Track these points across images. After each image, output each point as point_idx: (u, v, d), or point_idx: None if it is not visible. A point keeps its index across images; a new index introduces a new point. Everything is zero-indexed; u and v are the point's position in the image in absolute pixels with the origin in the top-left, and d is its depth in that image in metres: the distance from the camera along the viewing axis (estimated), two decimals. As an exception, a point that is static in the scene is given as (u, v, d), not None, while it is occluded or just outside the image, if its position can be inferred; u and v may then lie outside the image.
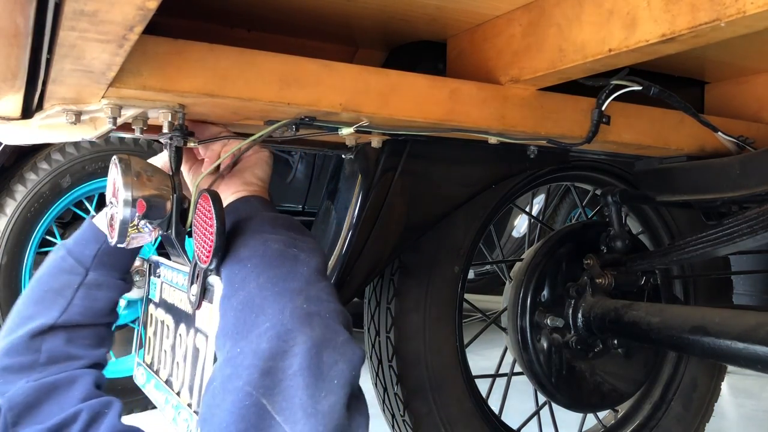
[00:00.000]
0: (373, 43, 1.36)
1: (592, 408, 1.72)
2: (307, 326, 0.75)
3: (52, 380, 0.99)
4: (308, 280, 0.83)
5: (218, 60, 0.93)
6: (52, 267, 1.07)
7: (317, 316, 0.77)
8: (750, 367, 1.20)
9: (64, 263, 1.07)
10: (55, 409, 0.95)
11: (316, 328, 0.75)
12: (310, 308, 0.78)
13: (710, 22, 0.82)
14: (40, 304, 1.04)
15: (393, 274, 1.54)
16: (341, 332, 0.77)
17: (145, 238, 0.98)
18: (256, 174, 1.03)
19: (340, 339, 0.76)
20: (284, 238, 0.89)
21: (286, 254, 0.86)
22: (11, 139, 1.16)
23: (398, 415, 1.58)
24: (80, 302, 1.05)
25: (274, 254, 0.85)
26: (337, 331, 0.77)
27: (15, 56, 0.74)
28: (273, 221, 0.92)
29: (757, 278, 2.21)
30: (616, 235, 1.61)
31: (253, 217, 0.92)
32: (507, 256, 3.94)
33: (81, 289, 1.05)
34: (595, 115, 1.22)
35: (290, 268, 0.84)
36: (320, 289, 0.83)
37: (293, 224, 0.95)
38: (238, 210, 0.95)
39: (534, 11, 1.10)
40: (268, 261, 0.84)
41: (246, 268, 0.84)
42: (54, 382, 0.98)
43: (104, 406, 0.95)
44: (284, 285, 0.81)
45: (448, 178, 1.41)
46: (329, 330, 0.76)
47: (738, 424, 2.89)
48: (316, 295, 0.81)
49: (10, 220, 2.61)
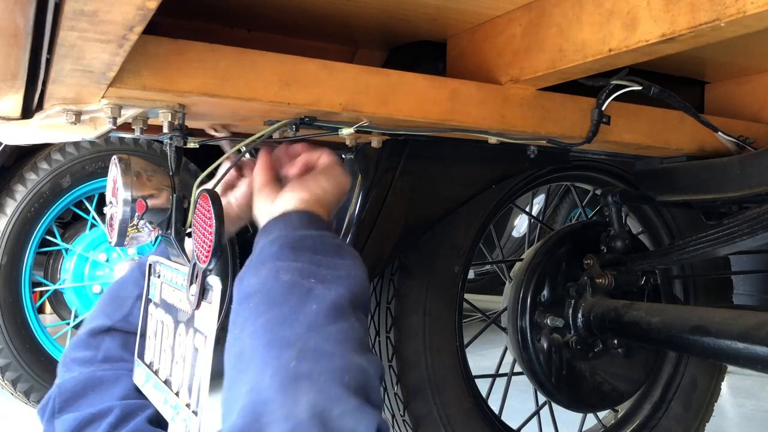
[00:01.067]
0: (373, 43, 1.36)
1: (592, 408, 1.72)
2: (291, 396, 0.59)
3: (100, 374, 1.04)
4: (311, 325, 0.67)
5: (218, 60, 0.93)
6: (126, 275, 1.15)
7: (307, 381, 0.60)
8: (750, 367, 1.20)
9: (132, 274, 1.14)
10: (97, 402, 1.00)
11: (301, 399, 0.58)
12: (299, 368, 0.61)
13: (710, 22, 0.82)
14: (108, 306, 1.12)
15: (393, 274, 1.54)
16: (343, 399, 0.59)
17: (145, 238, 0.98)
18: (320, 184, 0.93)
19: (337, 410, 0.58)
20: (302, 266, 0.74)
21: (295, 288, 0.71)
22: (11, 139, 1.16)
23: (398, 415, 1.58)
24: (138, 312, 1.10)
25: (281, 289, 0.71)
26: (335, 398, 0.59)
27: (15, 56, 0.74)
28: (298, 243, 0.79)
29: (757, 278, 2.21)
30: (616, 235, 1.61)
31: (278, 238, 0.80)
32: (507, 256, 3.94)
33: (139, 300, 1.11)
34: (595, 115, 1.22)
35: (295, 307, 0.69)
36: (324, 338, 0.65)
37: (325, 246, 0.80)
38: (268, 231, 0.85)
39: (534, 11, 1.10)
40: (272, 298, 0.71)
41: (249, 307, 0.72)
42: (101, 376, 1.04)
43: (139, 408, 0.98)
44: (278, 332, 0.66)
45: (448, 178, 1.41)
46: (323, 397, 0.59)
47: (738, 424, 2.89)
48: (315, 347, 0.64)
49: (10, 220, 2.61)
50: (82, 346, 1.08)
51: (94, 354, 1.07)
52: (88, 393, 1.02)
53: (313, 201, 0.91)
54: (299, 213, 0.87)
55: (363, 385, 0.62)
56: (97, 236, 2.96)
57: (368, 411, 0.59)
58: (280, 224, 0.85)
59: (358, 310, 0.72)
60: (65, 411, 0.99)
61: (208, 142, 1.13)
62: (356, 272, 0.77)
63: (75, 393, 1.01)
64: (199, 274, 0.88)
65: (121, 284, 1.15)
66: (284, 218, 0.86)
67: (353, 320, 0.69)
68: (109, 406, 0.98)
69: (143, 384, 1.03)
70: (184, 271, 0.94)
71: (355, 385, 0.62)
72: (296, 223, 0.84)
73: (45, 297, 3.29)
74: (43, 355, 2.69)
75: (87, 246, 2.94)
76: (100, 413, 0.97)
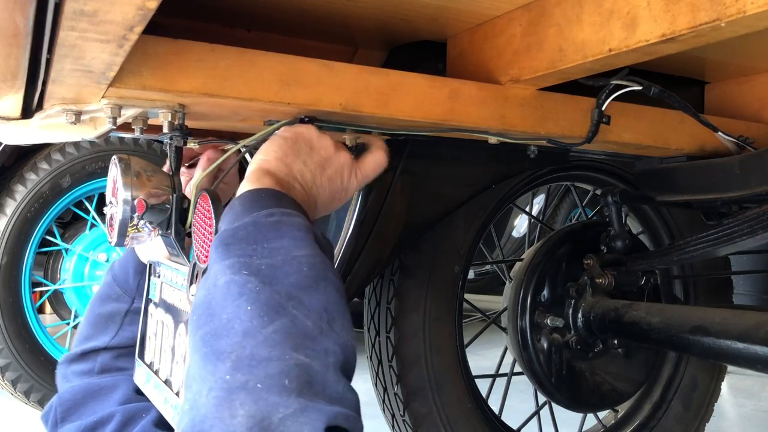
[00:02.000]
0: (373, 43, 1.36)
1: (592, 408, 1.72)
2: (227, 410, 0.57)
3: (97, 382, 1.06)
4: (247, 330, 0.63)
5: (218, 60, 0.93)
6: (102, 292, 1.16)
7: (242, 391, 0.58)
8: (750, 367, 1.20)
9: (111, 291, 1.16)
10: (98, 409, 1.01)
11: (238, 411, 0.56)
12: (234, 380, 0.59)
13: (710, 22, 0.82)
14: (94, 327, 1.13)
15: (393, 274, 1.54)
16: (283, 404, 0.57)
17: (145, 238, 0.98)
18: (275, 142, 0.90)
19: (277, 416, 0.56)
20: (233, 261, 0.70)
21: (230, 289, 0.67)
22: (11, 139, 1.16)
23: (398, 415, 1.58)
24: (129, 327, 1.13)
25: (218, 296, 0.67)
26: (274, 405, 0.57)
27: (15, 56, 0.74)
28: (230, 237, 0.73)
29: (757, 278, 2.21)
30: (616, 235, 1.61)
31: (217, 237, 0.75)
32: (507, 256, 3.94)
33: (128, 315, 1.13)
34: (595, 115, 1.22)
35: (230, 314, 0.64)
36: (260, 342, 0.62)
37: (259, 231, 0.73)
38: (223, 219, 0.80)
39: (534, 11, 1.10)
40: (211, 308, 0.67)
41: (192, 320, 0.68)
42: (99, 383, 1.06)
43: (141, 411, 0.99)
44: (214, 345, 0.63)
45: (448, 178, 1.41)
46: (261, 406, 0.57)
47: (738, 424, 2.89)
48: (250, 354, 0.60)
49: (10, 220, 2.61)
50: (78, 361, 1.11)
51: (91, 367, 1.10)
52: (88, 401, 1.03)
53: (253, 171, 0.86)
54: (241, 197, 0.81)
55: (308, 382, 0.60)
56: (97, 236, 2.96)
57: (314, 409, 0.57)
58: (225, 219, 0.79)
59: (306, 295, 0.68)
60: (67, 420, 1.00)
61: (208, 142, 1.13)
62: (297, 252, 0.71)
63: (75, 402, 1.03)
64: (199, 274, 0.88)
65: (100, 302, 1.15)
66: (229, 209, 0.80)
67: (295, 312, 0.65)
68: (110, 412, 0.99)
69: (144, 384, 1.03)
70: (184, 271, 0.94)
71: (298, 385, 0.59)
72: (237, 211, 0.78)
73: (45, 297, 3.29)
74: (43, 355, 2.69)
75: (87, 246, 2.95)
76: (102, 420, 0.98)
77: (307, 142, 0.94)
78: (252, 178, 0.85)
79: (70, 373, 1.10)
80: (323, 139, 0.96)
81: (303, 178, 0.91)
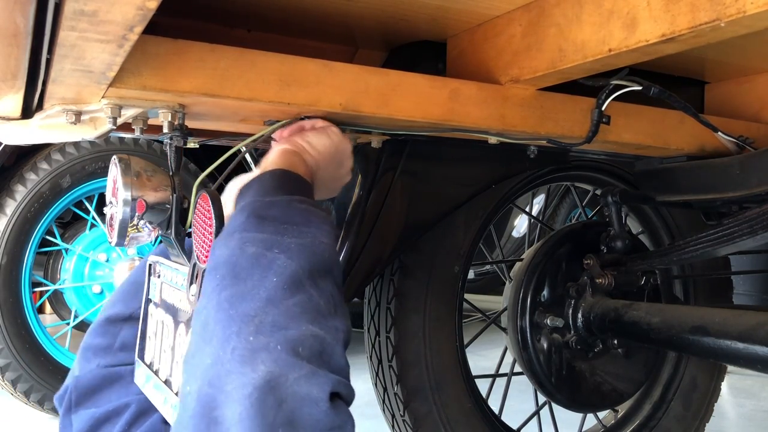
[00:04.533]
0: (373, 43, 1.36)
1: (592, 408, 1.72)
2: (249, 366, 0.64)
3: (117, 370, 1.05)
4: (270, 299, 0.70)
5: (218, 60, 0.93)
6: (143, 262, 1.14)
7: (264, 351, 0.65)
8: (750, 367, 1.20)
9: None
10: (113, 397, 1.01)
11: (259, 367, 0.64)
12: (257, 341, 0.66)
13: (710, 22, 0.82)
14: (125, 293, 1.12)
15: (393, 274, 1.54)
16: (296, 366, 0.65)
17: (145, 238, 0.98)
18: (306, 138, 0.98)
19: (292, 375, 0.64)
20: (267, 236, 0.77)
21: (259, 261, 0.74)
22: (11, 139, 1.16)
23: (398, 415, 1.58)
24: None
25: (246, 262, 0.74)
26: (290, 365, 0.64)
27: (15, 56, 0.74)
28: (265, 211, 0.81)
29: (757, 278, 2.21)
30: (616, 235, 1.61)
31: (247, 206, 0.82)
32: (507, 256, 3.94)
33: None
34: (595, 115, 1.22)
35: (256, 281, 0.72)
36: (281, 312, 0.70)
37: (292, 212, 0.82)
38: (243, 194, 0.87)
39: (534, 11, 1.10)
40: (237, 272, 0.73)
41: (216, 278, 0.74)
42: (119, 372, 1.05)
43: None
44: (240, 307, 0.70)
45: (448, 178, 1.41)
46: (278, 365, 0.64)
47: (738, 424, 2.89)
48: (272, 321, 0.68)
49: (10, 220, 2.61)
50: (99, 333, 1.09)
51: (111, 342, 1.07)
52: (104, 388, 1.02)
53: (291, 153, 0.94)
54: (274, 173, 0.88)
55: (319, 352, 0.68)
56: (97, 236, 2.96)
57: (322, 375, 0.65)
58: (253, 188, 0.86)
59: (320, 279, 0.76)
60: (82, 406, 1.00)
61: (208, 142, 1.13)
62: (321, 239, 0.79)
63: (92, 388, 1.02)
64: (199, 274, 0.88)
65: (139, 269, 1.14)
66: (259, 180, 0.87)
67: (312, 291, 0.73)
68: (126, 401, 0.99)
69: (143, 384, 1.03)
70: (184, 271, 0.94)
71: (310, 353, 0.67)
72: (268, 185, 0.86)
73: (45, 297, 3.29)
74: (43, 355, 2.69)
75: (87, 246, 2.94)
76: (116, 410, 0.98)
77: (343, 158, 1.06)
78: (288, 157, 0.93)
79: (87, 349, 1.07)
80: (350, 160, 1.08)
81: (322, 184, 1.02)
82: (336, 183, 1.11)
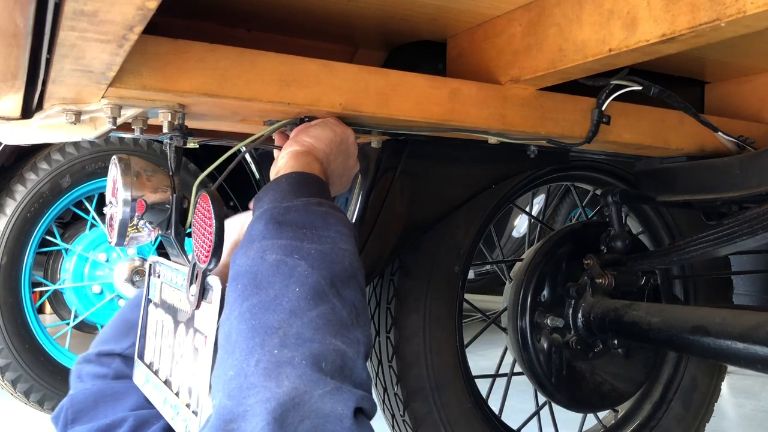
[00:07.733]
0: (373, 43, 1.36)
1: (592, 408, 1.72)
2: (273, 380, 0.64)
3: (111, 386, 1.06)
4: (294, 310, 0.70)
5: (218, 60, 0.93)
6: (134, 298, 1.16)
7: (289, 366, 0.65)
8: (750, 367, 1.20)
9: (138, 300, 1.15)
10: (109, 413, 1.01)
11: (284, 382, 0.63)
12: (282, 355, 0.66)
13: (710, 22, 0.82)
14: (117, 330, 1.13)
15: (393, 274, 1.54)
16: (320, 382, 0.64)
17: (145, 238, 0.98)
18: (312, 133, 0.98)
19: (317, 392, 0.63)
20: (286, 242, 0.76)
21: (280, 268, 0.73)
22: (11, 139, 1.16)
23: (398, 415, 1.58)
24: None
25: (267, 271, 0.73)
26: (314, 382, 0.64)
27: (15, 56, 0.74)
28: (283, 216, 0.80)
29: (757, 278, 2.21)
30: (616, 235, 1.61)
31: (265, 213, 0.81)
32: (507, 256, 3.94)
33: None
34: (595, 115, 1.22)
35: (278, 290, 0.71)
36: (305, 323, 0.69)
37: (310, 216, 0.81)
38: (260, 201, 0.86)
39: (534, 11, 1.10)
40: (258, 281, 0.73)
41: (238, 288, 0.74)
42: (113, 387, 1.06)
43: (153, 417, 0.99)
44: (262, 318, 0.69)
45: (448, 178, 1.41)
46: (303, 382, 0.64)
47: (738, 424, 2.89)
48: (297, 333, 0.68)
49: (10, 220, 2.61)
50: (94, 363, 1.10)
51: (106, 371, 1.09)
52: (99, 405, 1.03)
53: (302, 154, 0.94)
54: (289, 177, 0.88)
55: (341, 367, 0.68)
56: (97, 236, 2.96)
57: (346, 391, 0.65)
58: (270, 194, 0.86)
59: (343, 287, 0.75)
60: (78, 422, 1.00)
61: (208, 142, 1.13)
62: (342, 245, 0.79)
63: (87, 405, 1.02)
64: (199, 274, 0.88)
65: (131, 308, 1.15)
66: (275, 185, 0.87)
67: (335, 301, 0.73)
68: (122, 416, 0.99)
69: (143, 384, 1.03)
70: (184, 271, 0.94)
71: (332, 368, 0.66)
72: (285, 190, 0.85)
73: (45, 297, 3.29)
74: (43, 355, 2.69)
75: (87, 246, 2.94)
76: (113, 424, 0.98)
77: (348, 146, 1.05)
78: (301, 159, 0.93)
79: (85, 374, 1.09)
80: (355, 148, 1.06)
81: (335, 178, 1.02)
82: (347, 175, 1.09)
